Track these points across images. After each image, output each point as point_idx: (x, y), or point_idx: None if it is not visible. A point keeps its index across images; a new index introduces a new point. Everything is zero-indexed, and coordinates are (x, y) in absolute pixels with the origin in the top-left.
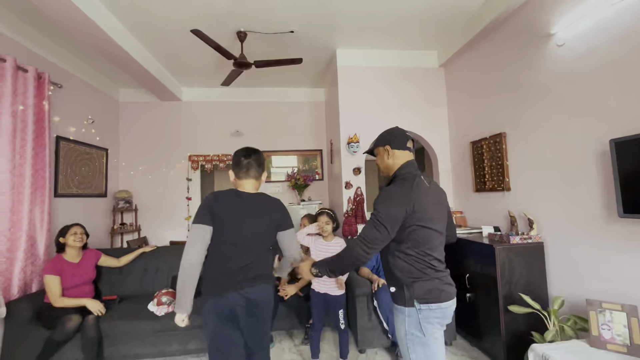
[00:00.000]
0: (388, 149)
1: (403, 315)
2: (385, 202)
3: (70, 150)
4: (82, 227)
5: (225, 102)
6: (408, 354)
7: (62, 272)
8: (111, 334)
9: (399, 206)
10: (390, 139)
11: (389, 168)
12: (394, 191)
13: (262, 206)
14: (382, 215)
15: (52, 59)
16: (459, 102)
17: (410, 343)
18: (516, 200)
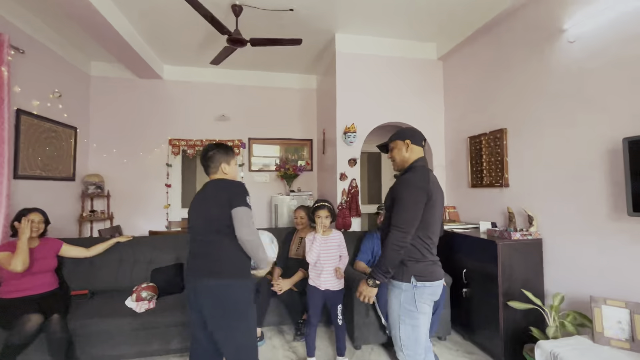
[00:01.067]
0: (408, 143)
1: (399, 289)
2: (409, 188)
3: (33, 127)
4: (41, 214)
5: (211, 84)
6: (398, 325)
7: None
8: (83, 333)
9: (422, 190)
10: (412, 135)
11: (404, 160)
12: (415, 178)
13: (211, 190)
14: (410, 199)
15: (12, 20)
16: (456, 97)
17: (403, 316)
18: (515, 197)
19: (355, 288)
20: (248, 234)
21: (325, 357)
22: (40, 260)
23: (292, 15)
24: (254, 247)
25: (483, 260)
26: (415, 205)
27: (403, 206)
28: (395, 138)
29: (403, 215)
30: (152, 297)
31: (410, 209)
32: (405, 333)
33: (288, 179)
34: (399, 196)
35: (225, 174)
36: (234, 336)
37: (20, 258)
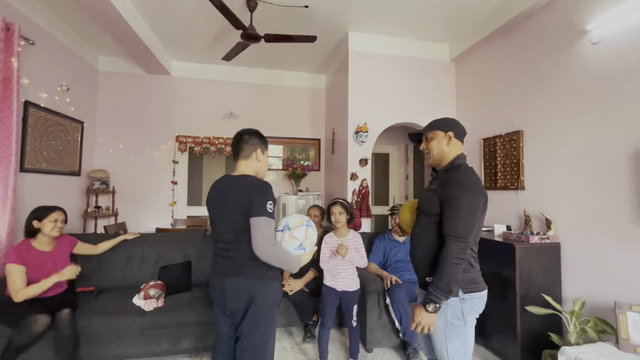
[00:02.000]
0: (451, 136)
1: (444, 306)
2: (470, 192)
3: (41, 119)
4: (63, 213)
5: (219, 81)
6: (445, 344)
7: (29, 262)
8: (89, 331)
9: (482, 195)
10: (455, 127)
11: (443, 155)
12: (472, 180)
13: (233, 188)
14: (470, 205)
15: (23, 10)
16: (469, 98)
17: (449, 333)
18: (531, 200)
19: (367, 290)
20: (264, 249)
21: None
22: (54, 266)
23: (306, 13)
24: (276, 264)
25: (500, 264)
26: (475, 212)
27: (462, 213)
28: (436, 127)
29: (463, 223)
30: (160, 295)
31: (470, 216)
32: (454, 350)
33: (296, 178)
34: (456, 200)
35: (259, 161)
36: (251, 336)
37: (31, 292)
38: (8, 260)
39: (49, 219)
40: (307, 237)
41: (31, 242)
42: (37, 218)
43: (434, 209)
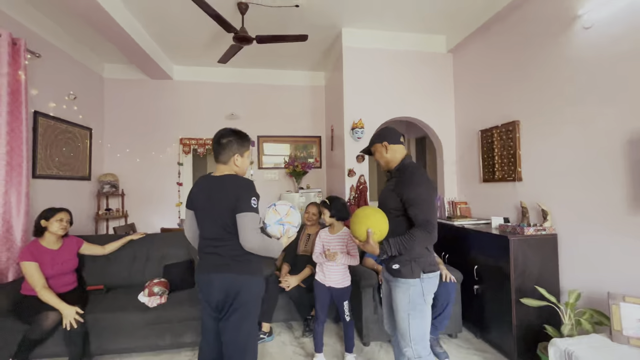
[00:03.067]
0: (386, 145)
1: (407, 285)
2: (425, 186)
3: (50, 128)
4: (69, 214)
5: (220, 83)
6: (408, 321)
7: (40, 259)
8: (98, 326)
9: (434, 187)
10: (386, 135)
11: (389, 162)
12: (423, 177)
13: (218, 188)
14: (430, 198)
15: (29, 25)
16: (467, 90)
17: (412, 311)
18: (528, 191)
19: (363, 284)
20: (251, 240)
21: (334, 353)
22: (63, 264)
23: (298, 12)
24: (261, 251)
25: (495, 256)
26: (433, 203)
27: (426, 205)
28: (374, 142)
29: (430, 214)
30: (164, 292)
31: (432, 207)
32: (415, 328)
33: (297, 176)
34: (417, 195)
35: (237, 166)
36: (237, 329)
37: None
38: (21, 258)
39: (55, 218)
40: (287, 215)
41: (40, 241)
42: (44, 217)
43: (393, 204)
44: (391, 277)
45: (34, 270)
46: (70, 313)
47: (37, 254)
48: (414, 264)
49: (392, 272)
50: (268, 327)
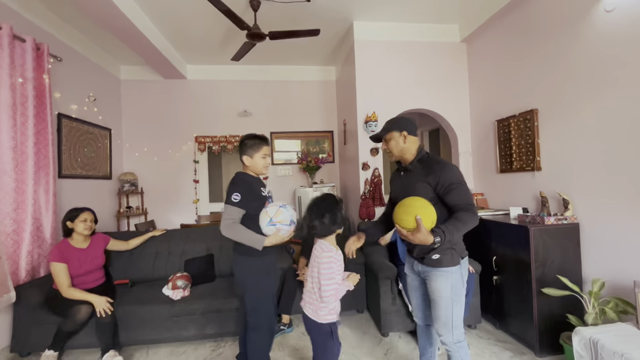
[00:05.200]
0: (405, 134)
1: (449, 273)
2: (458, 170)
3: (73, 129)
4: (92, 213)
5: (232, 81)
6: (451, 309)
7: (69, 259)
8: (126, 318)
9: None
10: (407, 125)
11: (403, 152)
12: (448, 162)
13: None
14: (464, 181)
15: (50, 30)
16: (482, 79)
17: (455, 297)
18: (548, 180)
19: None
20: (222, 229)
21: (357, 343)
22: (92, 261)
23: (309, 7)
24: (234, 238)
25: (514, 247)
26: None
27: (465, 188)
28: (391, 129)
29: (470, 196)
30: (187, 285)
31: (466, 187)
32: (457, 314)
33: (310, 171)
34: (455, 180)
35: (246, 166)
36: (246, 300)
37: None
38: (51, 259)
39: (79, 219)
40: (276, 214)
41: (69, 240)
42: (69, 219)
43: (425, 195)
44: (428, 269)
45: (61, 271)
46: (101, 302)
47: (66, 254)
48: (453, 252)
49: (431, 263)
50: (288, 319)
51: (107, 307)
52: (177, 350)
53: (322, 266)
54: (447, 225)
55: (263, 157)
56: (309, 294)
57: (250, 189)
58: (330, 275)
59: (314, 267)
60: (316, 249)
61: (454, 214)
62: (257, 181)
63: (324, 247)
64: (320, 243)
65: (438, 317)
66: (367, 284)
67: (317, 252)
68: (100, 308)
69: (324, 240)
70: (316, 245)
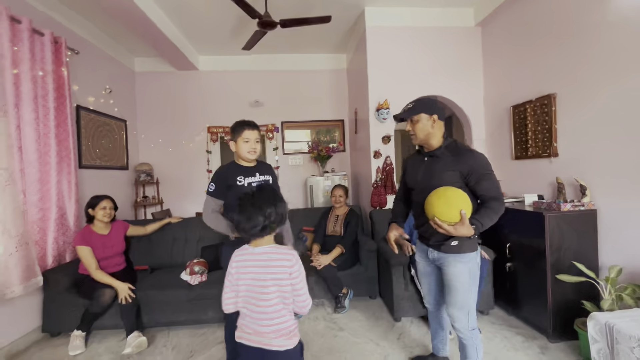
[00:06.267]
0: (435, 119)
1: (467, 259)
2: (486, 161)
3: (91, 121)
4: (111, 201)
5: (243, 71)
6: (470, 294)
7: (92, 244)
8: (147, 302)
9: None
10: (438, 109)
11: (430, 136)
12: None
13: None
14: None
15: (67, 24)
16: (497, 64)
17: (473, 282)
18: (565, 167)
19: (393, 262)
20: (203, 218)
21: (367, 327)
22: (113, 247)
23: None
24: (212, 228)
25: (529, 234)
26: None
27: (494, 177)
28: (421, 111)
29: (499, 186)
30: (204, 271)
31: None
32: (473, 299)
33: (321, 160)
34: (486, 169)
35: (234, 151)
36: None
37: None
38: (75, 243)
39: (99, 206)
40: None
41: (91, 227)
42: (90, 206)
43: (453, 183)
44: (445, 255)
45: (87, 253)
46: (124, 288)
47: (89, 238)
48: (472, 238)
49: (450, 249)
50: None
51: (129, 294)
52: (196, 332)
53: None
54: (481, 216)
55: (245, 142)
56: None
57: (222, 178)
58: (304, 279)
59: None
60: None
61: (485, 203)
62: (235, 170)
63: (285, 251)
64: (272, 248)
65: (454, 303)
66: (379, 270)
67: (275, 260)
68: (122, 295)
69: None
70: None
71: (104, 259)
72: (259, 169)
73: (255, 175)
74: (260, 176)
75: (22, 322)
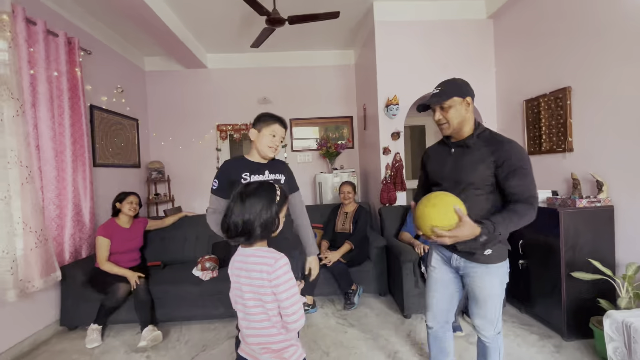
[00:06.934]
0: (469, 101)
1: (498, 269)
2: (526, 156)
3: (104, 120)
4: (137, 197)
5: (251, 69)
6: (499, 305)
7: (114, 236)
8: (160, 296)
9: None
10: (470, 90)
11: (464, 122)
12: (517, 143)
13: None
14: (531, 169)
15: (78, 23)
16: (510, 58)
17: (501, 294)
18: (580, 162)
19: (403, 259)
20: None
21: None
22: (131, 241)
23: None
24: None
25: (542, 231)
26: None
27: (532, 177)
28: (453, 94)
29: (535, 188)
30: (215, 267)
31: (534, 180)
32: (500, 309)
33: (330, 157)
34: (525, 165)
35: (252, 140)
36: None
37: (110, 269)
38: (98, 233)
39: (126, 200)
40: None
41: (115, 220)
42: (118, 200)
43: (482, 178)
44: (475, 265)
45: (103, 245)
46: (133, 274)
47: (111, 231)
48: (501, 244)
49: (481, 259)
50: (311, 300)
51: (138, 277)
52: (208, 327)
53: (281, 282)
54: (499, 217)
55: (272, 135)
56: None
57: (226, 173)
58: (294, 289)
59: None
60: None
61: (510, 205)
62: (242, 164)
63: (269, 254)
64: (258, 250)
65: (483, 315)
66: (389, 267)
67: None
68: (133, 280)
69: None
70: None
71: (123, 253)
72: (270, 167)
73: (265, 173)
74: (270, 174)
75: (42, 316)
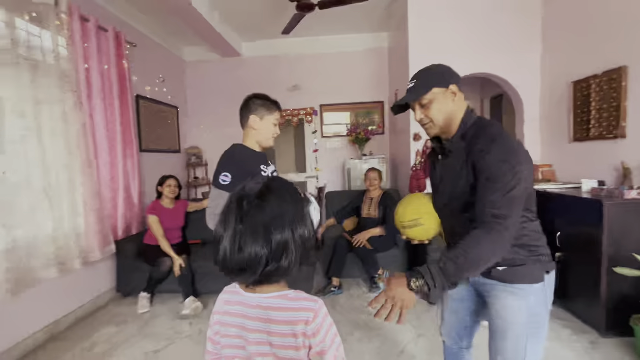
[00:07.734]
0: (454, 89)
1: (525, 293)
2: (515, 155)
3: (148, 109)
4: (176, 180)
5: (282, 56)
6: (525, 343)
7: (159, 215)
8: (200, 271)
9: (528, 161)
10: (454, 76)
11: (452, 117)
12: (512, 140)
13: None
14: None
15: (125, 18)
16: (558, 36)
17: (532, 329)
18: (633, 149)
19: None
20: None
21: None
22: (175, 220)
23: None
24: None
25: (583, 223)
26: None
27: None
28: (432, 84)
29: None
30: None
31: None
32: (532, 351)
33: (360, 143)
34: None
35: (255, 129)
36: None
37: (163, 244)
38: (148, 212)
39: (166, 183)
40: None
41: (159, 201)
42: (159, 184)
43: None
44: (493, 283)
45: (155, 222)
46: (177, 260)
47: (157, 210)
48: (538, 264)
49: (500, 275)
50: (338, 282)
51: (182, 266)
52: None
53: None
54: (451, 255)
55: (274, 125)
56: None
57: (245, 166)
58: (338, 338)
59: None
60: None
61: (472, 230)
62: (258, 157)
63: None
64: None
65: (502, 352)
66: (415, 253)
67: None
68: (176, 266)
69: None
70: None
71: (167, 230)
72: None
73: (269, 164)
74: (271, 165)
75: (102, 283)
